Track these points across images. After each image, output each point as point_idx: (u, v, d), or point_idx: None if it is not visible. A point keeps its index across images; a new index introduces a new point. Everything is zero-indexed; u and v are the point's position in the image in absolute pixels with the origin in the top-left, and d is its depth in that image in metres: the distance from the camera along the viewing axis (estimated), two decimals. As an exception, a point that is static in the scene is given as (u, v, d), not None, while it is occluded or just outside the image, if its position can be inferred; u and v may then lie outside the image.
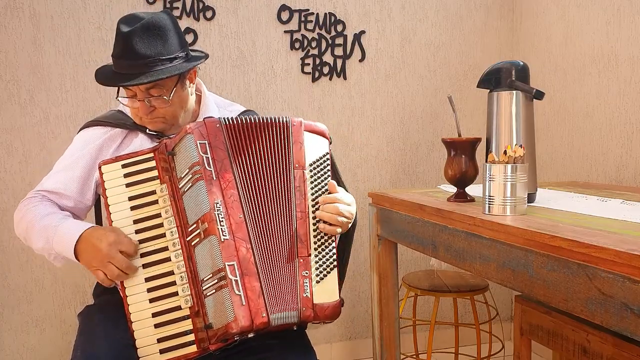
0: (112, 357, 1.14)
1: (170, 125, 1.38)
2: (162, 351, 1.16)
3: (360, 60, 2.38)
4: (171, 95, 1.32)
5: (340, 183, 1.35)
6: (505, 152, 1.16)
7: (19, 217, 1.34)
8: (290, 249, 1.20)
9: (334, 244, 1.26)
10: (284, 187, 1.23)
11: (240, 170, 1.21)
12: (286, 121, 1.26)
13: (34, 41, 2.05)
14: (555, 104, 2.28)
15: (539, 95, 1.28)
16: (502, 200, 1.16)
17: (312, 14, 2.30)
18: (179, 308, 1.17)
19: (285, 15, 2.28)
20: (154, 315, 1.17)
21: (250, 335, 1.13)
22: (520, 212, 1.16)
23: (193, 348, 1.16)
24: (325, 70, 2.34)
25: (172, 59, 1.32)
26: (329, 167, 1.30)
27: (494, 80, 1.34)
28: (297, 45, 2.30)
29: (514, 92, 1.31)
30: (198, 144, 1.19)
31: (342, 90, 2.38)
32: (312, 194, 1.25)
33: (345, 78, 2.37)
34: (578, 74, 2.16)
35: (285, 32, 2.29)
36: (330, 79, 2.36)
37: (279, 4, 2.27)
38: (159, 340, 1.16)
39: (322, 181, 1.27)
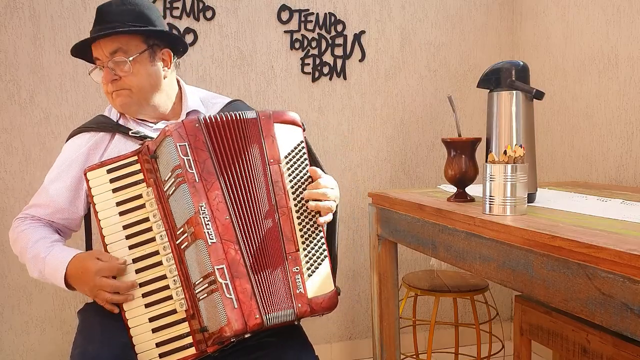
0: (110, 356, 1.14)
1: (137, 101, 1.35)
2: (161, 355, 1.16)
3: (360, 60, 2.38)
4: (132, 58, 1.30)
5: (319, 168, 1.31)
6: (505, 152, 1.16)
7: (13, 239, 1.35)
8: (277, 247, 1.18)
9: (321, 234, 1.23)
10: (263, 184, 1.20)
11: (223, 170, 1.18)
12: (254, 117, 1.22)
13: (34, 41, 2.06)
14: (555, 104, 2.28)
15: (539, 95, 1.28)
16: (502, 200, 1.16)
17: (312, 14, 2.30)
18: (174, 312, 1.17)
19: (285, 15, 2.28)
20: (151, 320, 1.17)
21: (247, 335, 1.13)
22: (520, 212, 1.16)
23: (192, 350, 1.15)
24: (325, 70, 2.34)
25: (140, 26, 1.32)
26: (305, 156, 1.26)
27: (494, 80, 1.34)
28: (297, 45, 2.30)
29: (514, 92, 1.31)
30: (178, 147, 1.15)
31: (342, 90, 2.38)
32: (292, 187, 1.22)
33: (345, 78, 2.37)
34: (578, 74, 2.16)
35: (285, 32, 2.29)
36: (330, 79, 2.36)
37: (279, 4, 2.27)
38: (158, 345, 1.16)
39: (301, 171, 1.24)
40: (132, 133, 1.35)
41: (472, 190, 1.41)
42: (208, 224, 1.13)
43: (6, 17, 2.03)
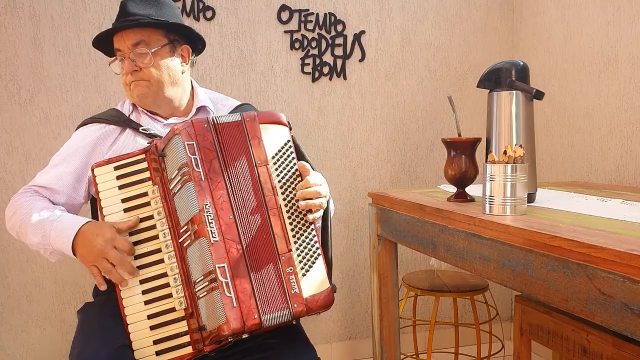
0: (108, 357, 1.14)
1: (154, 92, 1.38)
2: (158, 353, 1.16)
3: (360, 60, 2.38)
4: (153, 50, 1.34)
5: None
6: (505, 152, 1.16)
7: (12, 211, 1.33)
8: (269, 248, 1.18)
9: (314, 232, 1.23)
10: (254, 186, 1.21)
11: (229, 171, 1.19)
12: (238, 119, 1.23)
13: (34, 41, 2.05)
14: (555, 104, 2.28)
15: (539, 95, 1.28)
16: (502, 200, 1.16)
17: (312, 14, 2.30)
18: (173, 310, 1.18)
19: (285, 15, 2.28)
20: (150, 317, 1.17)
21: (245, 336, 1.13)
22: (520, 212, 1.16)
23: (188, 349, 1.16)
24: (325, 70, 2.34)
25: (161, 21, 1.36)
26: (293, 155, 1.27)
27: (494, 80, 1.34)
28: (297, 45, 2.30)
29: (514, 92, 1.31)
30: (186, 145, 1.17)
31: (342, 90, 2.38)
32: (281, 187, 1.22)
33: (345, 78, 2.37)
34: (578, 74, 2.16)
35: (285, 32, 2.29)
36: (330, 79, 2.36)
37: (279, 4, 2.27)
38: (155, 342, 1.16)
39: (289, 171, 1.25)
40: (142, 129, 1.37)
41: (472, 190, 1.41)
42: (212, 223, 1.14)
43: (6, 17, 2.03)
